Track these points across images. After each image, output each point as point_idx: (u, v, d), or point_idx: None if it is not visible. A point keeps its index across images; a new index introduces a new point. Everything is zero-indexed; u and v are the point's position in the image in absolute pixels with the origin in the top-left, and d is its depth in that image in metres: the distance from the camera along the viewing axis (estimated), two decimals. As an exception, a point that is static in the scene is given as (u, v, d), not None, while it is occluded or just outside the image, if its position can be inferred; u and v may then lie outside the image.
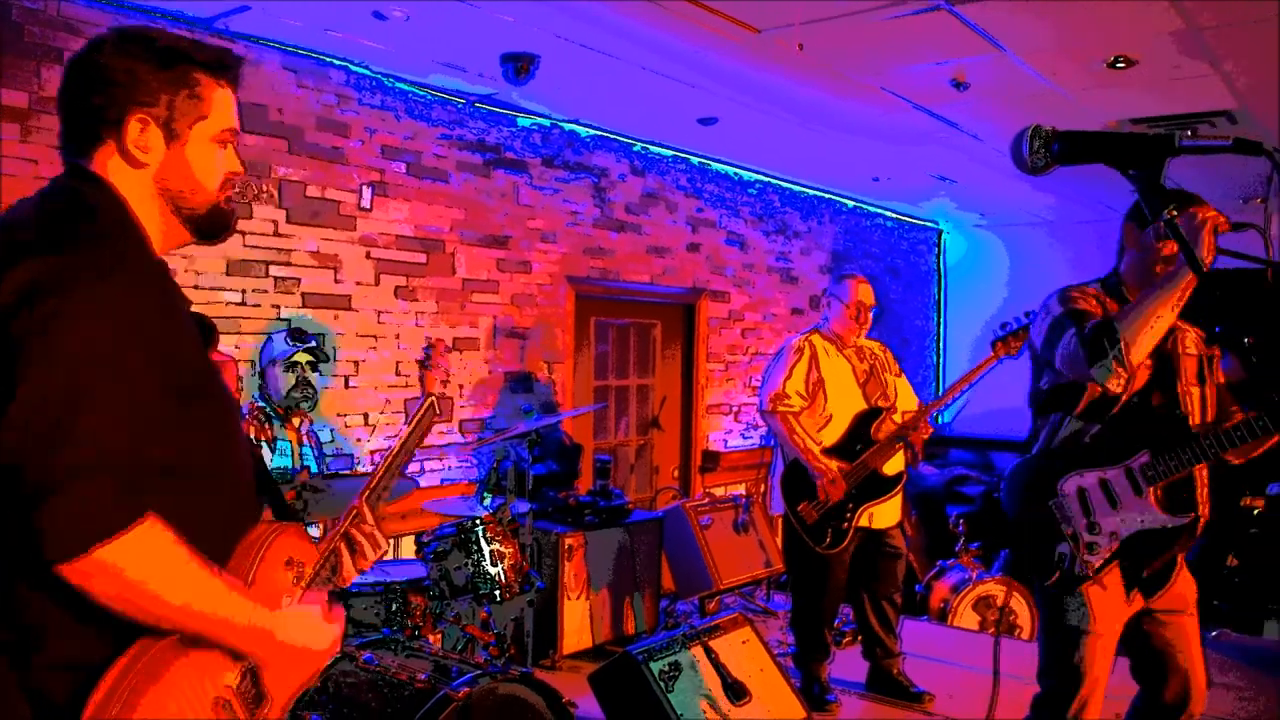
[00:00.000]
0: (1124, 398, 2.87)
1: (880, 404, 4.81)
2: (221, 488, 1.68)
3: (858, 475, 4.70)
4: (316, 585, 1.74)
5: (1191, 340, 3.05)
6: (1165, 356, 2.98)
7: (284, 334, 4.27)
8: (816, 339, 4.91)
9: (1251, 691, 5.30)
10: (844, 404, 4.81)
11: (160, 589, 1.46)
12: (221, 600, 1.54)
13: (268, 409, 4.22)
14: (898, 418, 4.78)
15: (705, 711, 3.99)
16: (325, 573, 1.77)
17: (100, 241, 1.55)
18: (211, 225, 1.80)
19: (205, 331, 1.80)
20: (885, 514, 4.85)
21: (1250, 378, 1.28)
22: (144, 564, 1.44)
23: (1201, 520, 2.92)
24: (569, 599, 5.45)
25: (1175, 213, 1.46)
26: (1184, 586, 3.04)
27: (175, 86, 1.67)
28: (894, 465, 4.78)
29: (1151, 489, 2.86)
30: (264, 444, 4.14)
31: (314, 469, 4.26)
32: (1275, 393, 1.42)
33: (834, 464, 4.69)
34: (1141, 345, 2.65)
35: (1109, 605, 2.91)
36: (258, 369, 4.34)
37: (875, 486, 4.74)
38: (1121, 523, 2.87)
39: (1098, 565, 2.87)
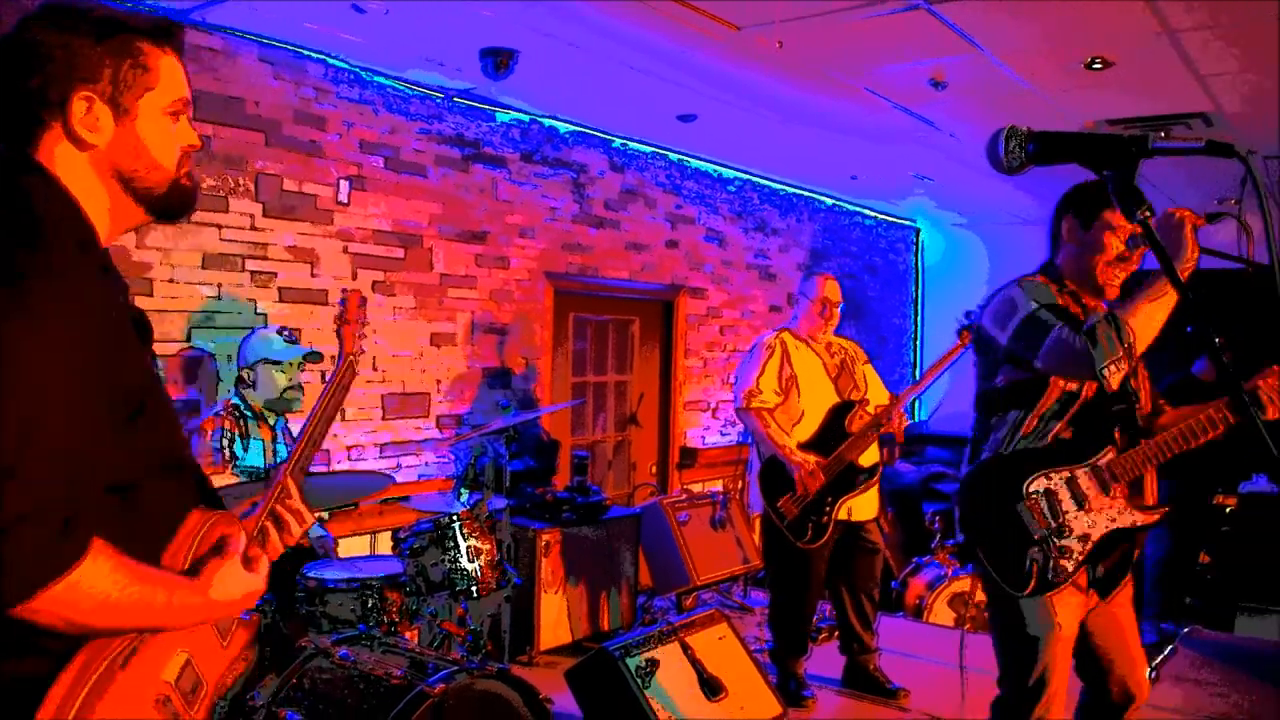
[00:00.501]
0: (1084, 392, 2.83)
1: (853, 397, 4.85)
2: (166, 489, 1.67)
3: (835, 468, 4.73)
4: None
5: None
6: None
7: (274, 332, 4.21)
8: (787, 336, 4.97)
9: (1224, 687, 5.35)
10: (817, 399, 4.85)
11: (107, 614, 1.47)
12: (166, 605, 1.55)
13: (242, 406, 4.19)
14: (871, 409, 4.82)
15: (681, 707, 4.00)
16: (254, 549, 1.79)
17: (36, 260, 1.44)
18: (172, 204, 1.67)
19: (143, 331, 1.71)
20: (863, 507, 4.89)
21: (1221, 376, 1.29)
22: (90, 596, 1.44)
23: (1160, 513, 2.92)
24: (546, 595, 5.45)
25: (1149, 214, 1.46)
26: (1126, 583, 3.01)
27: (118, 57, 1.57)
28: (870, 456, 4.83)
29: (1118, 486, 2.84)
30: (237, 440, 4.11)
31: None
32: (1242, 391, 1.44)
33: (811, 457, 4.72)
34: (1144, 341, 2.62)
35: (1069, 608, 2.85)
36: (236, 366, 4.28)
37: (853, 478, 4.78)
38: (1092, 524, 2.82)
39: (1071, 569, 2.80)
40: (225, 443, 4.05)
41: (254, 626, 1.85)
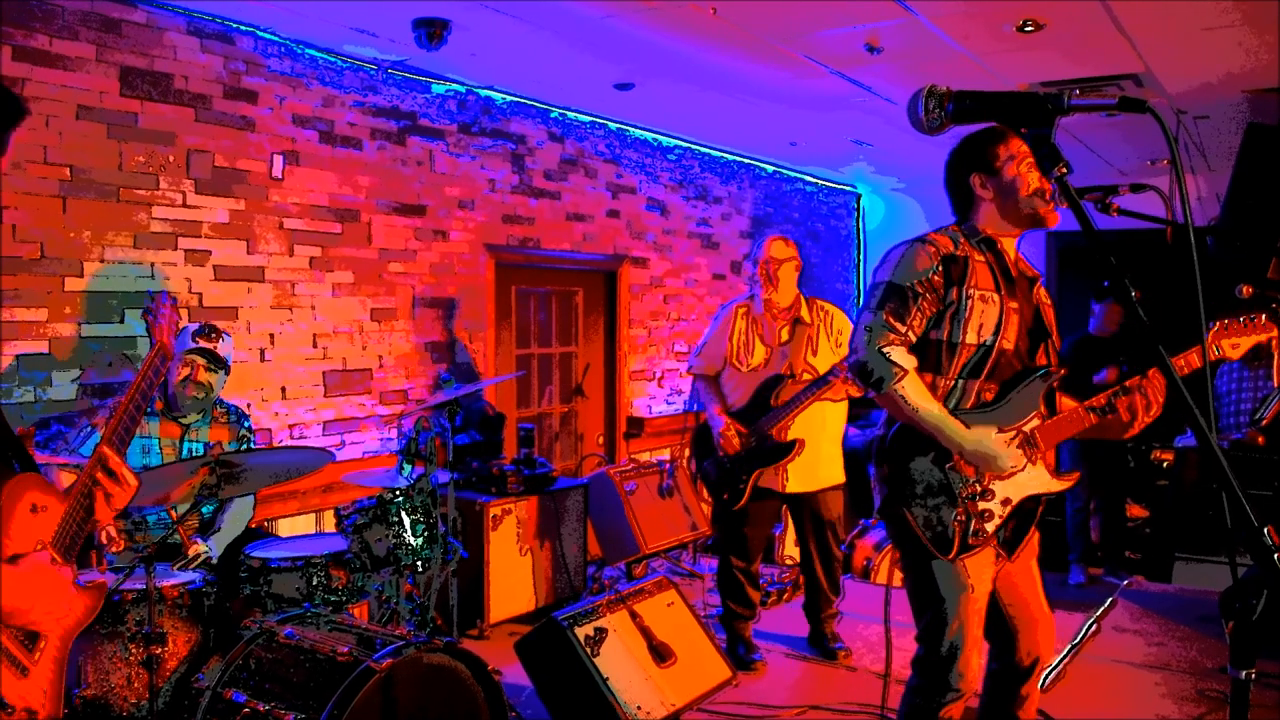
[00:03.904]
0: (999, 344, 2.83)
1: (785, 370, 4.82)
2: None
3: (751, 439, 4.80)
4: (70, 528, 1.95)
5: (1044, 292, 3.05)
6: (1035, 310, 2.97)
7: (195, 328, 4.09)
8: (746, 303, 5.00)
9: (1161, 637, 5.50)
10: (756, 367, 4.87)
11: None
12: None
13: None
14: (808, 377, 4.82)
15: (631, 674, 4.04)
16: (79, 515, 1.97)
17: None
18: None
19: None
20: (799, 478, 4.89)
21: (1136, 331, 1.32)
22: None
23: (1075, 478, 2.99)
24: (495, 567, 5.46)
25: (1066, 170, 1.48)
26: (1031, 540, 3.01)
27: None
28: (796, 432, 4.80)
29: (1037, 453, 2.86)
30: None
31: None
32: (1158, 344, 1.46)
33: (733, 424, 4.82)
34: (902, 414, 2.82)
35: (982, 570, 2.85)
36: None
37: (769, 452, 4.82)
38: (1014, 488, 2.84)
39: (990, 531, 2.82)
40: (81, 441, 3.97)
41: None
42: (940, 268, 2.81)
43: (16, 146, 1.85)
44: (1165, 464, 7.42)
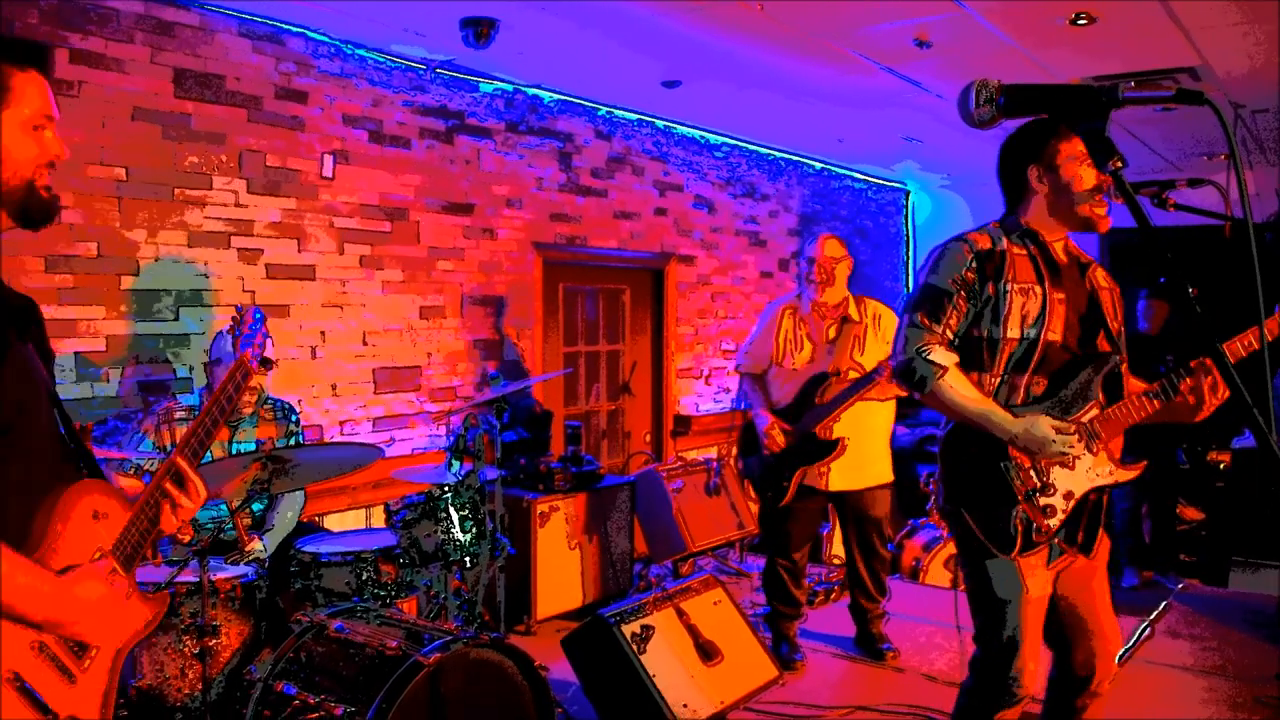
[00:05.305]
0: (1044, 336, 2.77)
1: (831, 369, 4.78)
2: (20, 456, 1.77)
3: (796, 437, 4.77)
4: (133, 537, 1.91)
5: (1103, 274, 2.97)
6: (1089, 296, 2.89)
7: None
8: (793, 302, 4.96)
9: (1215, 642, 5.39)
10: (804, 366, 4.84)
11: None
12: (14, 579, 1.66)
13: (196, 406, 4.13)
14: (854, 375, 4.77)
15: (677, 672, 4.03)
16: (144, 524, 1.93)
17: None
18: (29, 211, 1.83)
19: (13, 305, 1.89)
20: (842, 477, 4.85)
21: (1193, 327, 1.29)
22: None
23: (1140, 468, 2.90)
24: (542, 564, 5.48)
25: (1121, 165, 1.45)
26: (1102, 543, 2.93)
27: None
28: (841, 431, 4.74)
29: (1099, 443, 2.80)
30: (145, 443, 4.06)
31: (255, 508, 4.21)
32: (1218, 340, 1.43)
33: (779, 423, 4.80)
34: (947, 409, 2.81)
35: (1040, 571, 2.79)
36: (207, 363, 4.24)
37: (814, 450, 4.78)
38: (1076, 481, 2.78)
39: (1054, 528, 2.76)
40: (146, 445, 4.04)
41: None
42: (974, 264, 2.78)
43: (73, 148, 1.87)
44: (1221, 465, 7.29)
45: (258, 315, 2.26)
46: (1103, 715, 3.91)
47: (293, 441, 4.27)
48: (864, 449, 4.85)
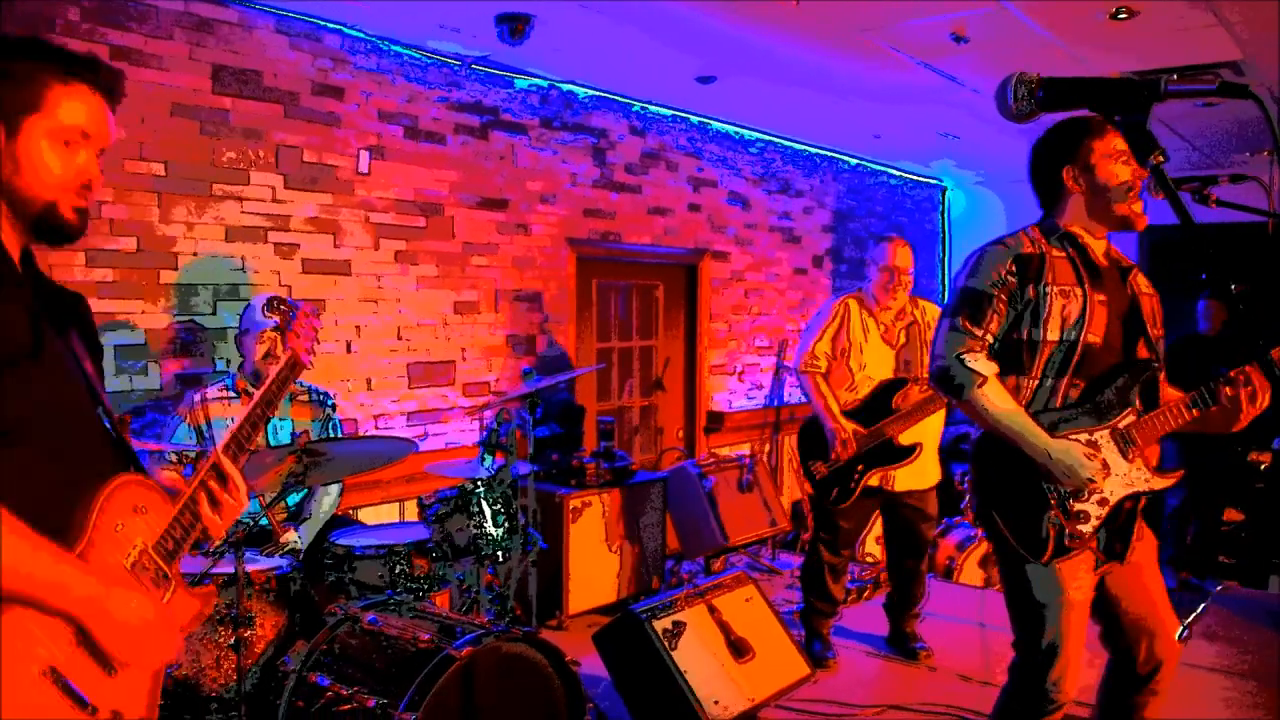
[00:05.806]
0: (1083, 338, 2.74)
1: (905, 374, 4.78)
2: (58, 450, 1.71)
3: (870, 441, 4.73)
4: (175, 531, 1.84)
5: (1144, 280, 2.93)
6: (1131, 300, 2.86)
7: (262, 301, 4.19)
8: (853, 302, 4.93)
9: (1255, 645, 5.32)
10: (872, 367, 4.82)
11: None
12: (48, 569, 1.58)
13: (231, 388, 4.18)
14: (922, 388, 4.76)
15: (708, 668, 4.02)
16: (187, 520, 1.87)
17: None
18: (45, 228, 1.75)
19: (56, 302, 1.84)
20: (908, 478, 4.84)
21: (1237, 326, 1.26)
22: None
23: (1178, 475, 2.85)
24: (574, 559, 5.49)
25: (1163, 159, 1.43)
26: (1145, 541, 2.91)
27: (4, 78, 1.68)
28: (912, 436, 4.75)
29: (1135, 450, 2.77)
30: (183, 429, 4.11)
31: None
32: (1263, 340, 1.40)
33: (851, 426, 4.73)
34: (989, 423, 2.78)
35: (1079, 575, 2.76)
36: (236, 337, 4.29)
37: (887, 454, 4.75)
38: (1111, 488, 2.75)
39: (1088, 534, 2.73)
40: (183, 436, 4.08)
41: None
42: (1013, 267, 2.76)
43: (113, 143, 1.82)
44: (1262, 466, 7.18)
45: (305, 306, 2.22)
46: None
47: (329, 426, 4.31)
48: (925, 450, 4.85)
